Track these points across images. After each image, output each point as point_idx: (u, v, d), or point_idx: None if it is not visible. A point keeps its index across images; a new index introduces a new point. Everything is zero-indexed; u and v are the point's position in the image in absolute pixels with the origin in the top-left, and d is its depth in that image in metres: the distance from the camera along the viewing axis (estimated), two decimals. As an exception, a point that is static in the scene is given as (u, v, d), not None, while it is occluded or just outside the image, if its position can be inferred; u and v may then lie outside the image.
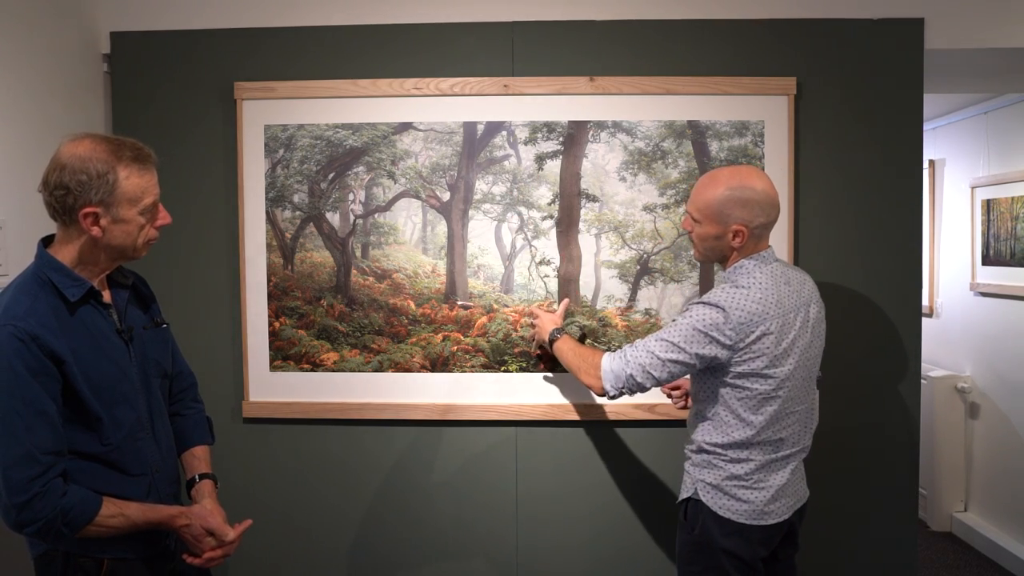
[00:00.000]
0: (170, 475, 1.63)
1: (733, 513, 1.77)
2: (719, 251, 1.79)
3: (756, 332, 1.69)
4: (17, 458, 1.34)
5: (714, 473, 1.79)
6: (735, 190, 1.73)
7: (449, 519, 2.36)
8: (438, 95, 2.27)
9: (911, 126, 2.29)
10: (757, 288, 1.72)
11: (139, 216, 1.46)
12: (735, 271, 1.78)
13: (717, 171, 1.80)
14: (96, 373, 1.45)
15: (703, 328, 1.70)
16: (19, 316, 1.37)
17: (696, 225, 1.80)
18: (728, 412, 1.77)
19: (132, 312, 1.60)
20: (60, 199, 1.40)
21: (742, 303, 1.70)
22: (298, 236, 2.33)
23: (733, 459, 1.77)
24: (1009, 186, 3.55)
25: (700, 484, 1.81)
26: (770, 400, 1.74)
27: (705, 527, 1.79)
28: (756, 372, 1.71)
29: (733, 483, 1.77)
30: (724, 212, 1.73)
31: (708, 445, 1.80)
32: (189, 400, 1.78)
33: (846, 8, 2.27)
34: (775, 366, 1.71)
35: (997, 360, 3.72)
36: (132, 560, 1.51)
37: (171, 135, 2.32)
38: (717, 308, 1.70)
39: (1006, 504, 3.66)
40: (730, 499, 1.77)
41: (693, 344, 1.71)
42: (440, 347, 2.32)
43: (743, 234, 1.74)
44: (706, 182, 1.78)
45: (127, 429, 1.50)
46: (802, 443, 1.83)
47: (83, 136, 1.45)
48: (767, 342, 1.70)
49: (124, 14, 2.34)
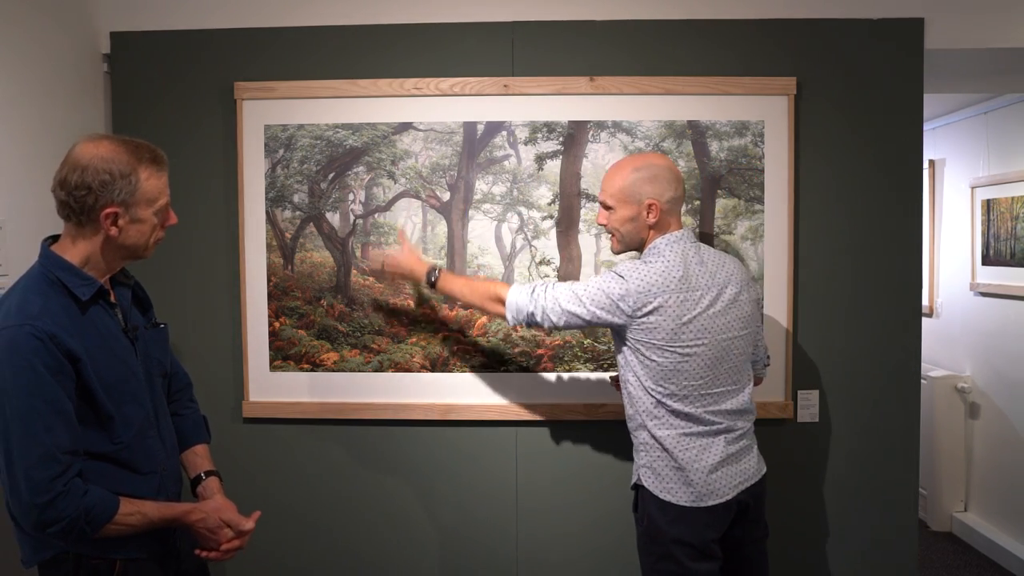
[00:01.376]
0: (175, 473, 1.65)
1: (674, 496, 1.79)
2: (636, 234, 1.86)
3: (652, 304, 1.75)
4: (38, 458, 1.35)
5: (649, 455, 1.82)
6: (640, 169, 1.83)
7: (449, 519, 2.36)
8: (438, 95, 2.27)
9: (911, 126, 2.29)
10: (661, 263, 1.80)
11: (154, 217, 1.50)
12: (648, 251, 1.85)
13: (619, 160, 1.91)
14: (107, 372, 1.46)
15: (606, 292, 1.79)
16: (35, 315, 1.38)
17: (611, 213, 1.87)
18: (636, 379, 1.82)
19: (133, 312, 1.62)
20: (80, 199, 1.42)
21: (643, 275, 1.78)
22: (298, 236, 2.33)
23: (654, 435, 1.80)
24: (1009, 186, 3.55)
25: (642, 470, 1.84)
26: (673, 374, 1.77)
27: (651, 515, 1.81)
28: (654, 344, 1.77)
29: (667, 463, 1.79)
30: (635, 190, 1.82)
31: (629, 419, 1.87)
32: (186, 400, 1.80)
33: (846, 8, 2.27)
34: (674, 341, 1.76)
35: (997, 360, 3.72)
36: (144, 560, 1.52)
37: (171, 135, 2.31)
38: (620, 278, 1.79)
39: (1006, 504, 3.66)
40: (670, 482, 1.79)
41: (593, 304, 1.80)
42: (440, 347, 2.32)
43: (656, 207, 1.81)
44: (612, 170, 1.88)
45: (137, 427, 1.51)
46: (729, 422, 1.82)
47: (101, 137, 1.48)
48: (663, 315, 1.75)
49: (124, 14, 2.34)
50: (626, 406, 1.89)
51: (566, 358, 2.30)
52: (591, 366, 2.30)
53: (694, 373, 1.78)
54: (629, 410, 1.87)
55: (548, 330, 1.93)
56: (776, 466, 2.32)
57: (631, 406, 1.86)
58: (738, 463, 1.83)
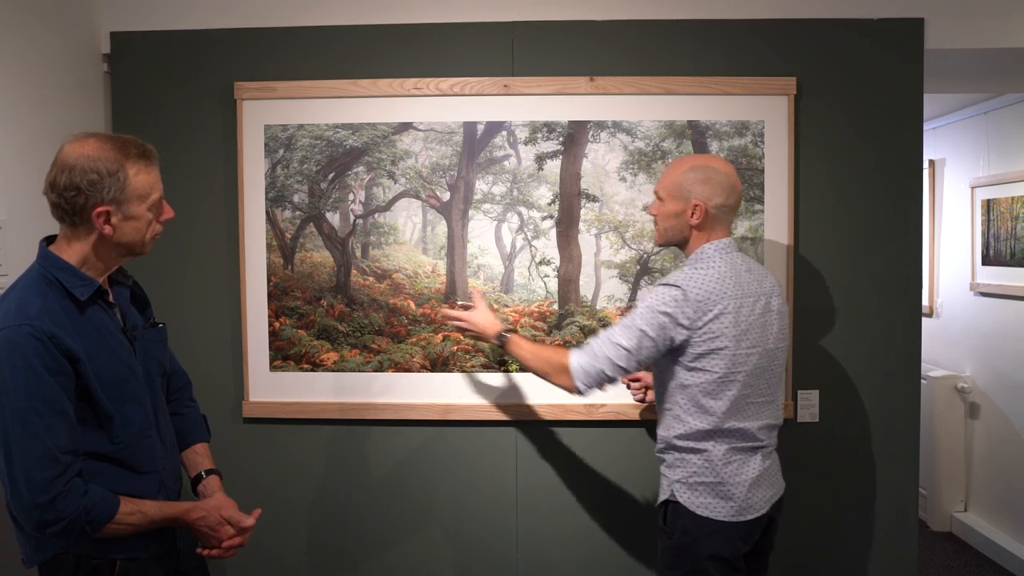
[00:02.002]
0: (175, 472, 1.65)
1: (713, 511, 1.76)
2: (678, 230, 1.84)
3: (714, 311, 1.72)
4: (38, 458, 1.35)
5: (686, 470, 1.79)
6: (697, 169, 1.81)
7: (449, 519, 2.36)
8: (438, 95, 2.27)
9: (911, 126, 2.29)
10: (715, 269, 1.77)
11: (147, 212, 1.48)
12: (696, 256, 1.82)
13: (684, 156, 1.89)
14: (107, 372, 1.46)
15: (663, 309, 1.73)
16: (34, 316, 1.37)
17: (660, 204, 1.86)
18: (688, 400, 1.77)
19: (132, 311, 1.61)
20: (71, 200, 1.41)
21: (700, 282, 1.74)
22: (298, 236, 2.33)
23: (698, 450, 1.77)
24: (1009, 186, 3.55)
25: (676, 485, 1.80)
26: (729, 384, 1.74)
27: (685, 530, 1.78)
28: (715, 351, 1.73)
29: (706, 478, 1.77)
30: (685, 188, 1.80)
31: (675, 439, 1.80)
32: (185, 399, 1.80)
33: (846, 8, 2.27)
34: (737, 347, 1.73)
35: (997, 360, 3.72)
36: (144, 560, 1.52)
37: (171, 135, 2.32)
38: (675, 287, 1.75)
39: (1006, 504, 3.66)
40: (708, 497, 1.77)
41: (655, 327, 1.73)
42: (440, 347, 2.32)
43: (700, 210, 1.79)
44: (673, 164, 1.88)
45: (137, 427, 1.51)
46: (767, 439, 1.82)
47: (87, 136, 1.45)
48: (725, 321, 1.72)
49: (124, 14, 2.34)
50: (666, 427, 1.83)
51: (566, 358, 2.30)
52: (591, 366, 2.30)
53: (745, 382, 1.75)
54: (672, 430, 1.81)
55: (620, 379, 1.82)
56: (776, 466, 2.33)
57: (674, 426, 1.80)
58: (771, 477, 1.83)
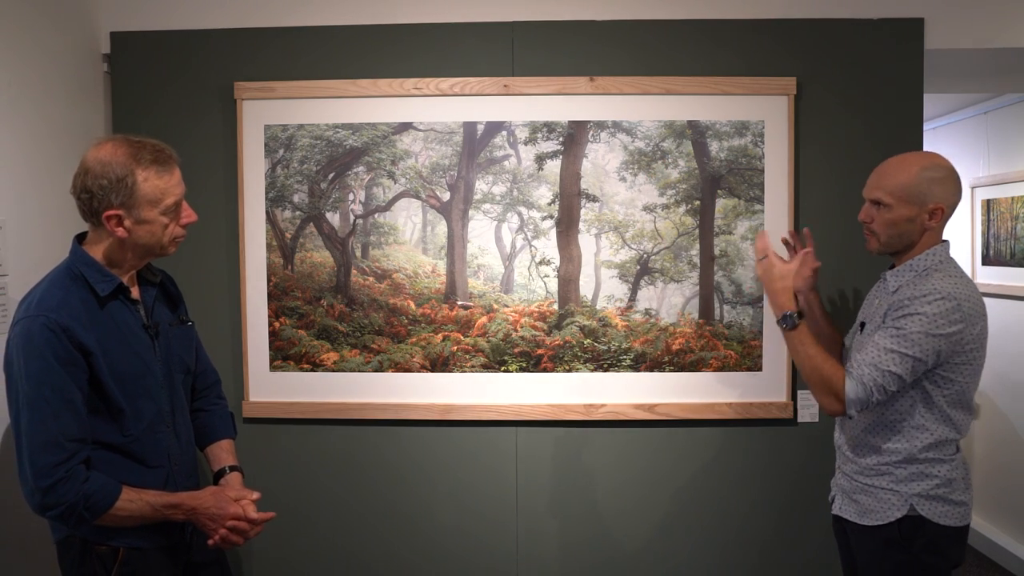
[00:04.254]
0: (188, 468, 1.68)
1: (953, 519, 1.70)
2: (908, 236, 1.72)
3: (980, 324, 1.65)
4: (44, 443, 1.40)
5: (929, 482, 1.70)
6: (928, 169, 1.68)
7: (449, 520, 2.36)
8: (438, 95, 2.27)
9: (911, 126, 2.29)
10: (966, 276, 1.68)
11: (161, 216, 1.52)
12: (944, 262, 1.71)
13: (903, 155, 1.74)
14: (121, 366, 1.50)
15: (938, 331, 1.62)
16: (52, 308, 1.43)
17: (884, 211, 1.72)
18: (931, 411, 1.69)
19: (159, 309, 1.65)
20: (87, 202, 1.47)
21: (968, 292, 1.65)
22: (298, 236, 2.33)
23: (944, 459, 1.70)
24: (1009, 186, 3.55)
25: (916, 499, 1.70)
26: (970, 389, 1.70)
27: (931, 542, 1.70)
28: (973, 360, 1.66)
29: (948, 487, 1.70)
30: (921, 191, 1.67)
31: (918, 452, 1.71)
32: (213, 397, 1.84)
33: (846, 8, 2.27)
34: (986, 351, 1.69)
35: (997, 360, 3.71)
36: (148, 550, 1.55)
37: (171, 135, 2.30)
38: (951, 301, 1.62)
39: (1006, 504, 3.66)
40: (948, 505, 1.70)
41: (929, 351, 1.62)
42: (440, 347, 2.32)
43: (941, 212, 1.68)
44: (895, 164, 1.73)
45: (147, 421, 1.55)
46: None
47: (106, 140, 1.51)
48: (984, 331, 1.67)
49: (124, 14, 2.34)
50: (897, 444, 1.73)
51: (566, 358, 2.30)
52: (591, 366, 2.30)
53: (975, 386, 1.72)
54: (910, 444, 1.71)
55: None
56: (776, 466, 2.33)
57: (913, 439, 1.71)
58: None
